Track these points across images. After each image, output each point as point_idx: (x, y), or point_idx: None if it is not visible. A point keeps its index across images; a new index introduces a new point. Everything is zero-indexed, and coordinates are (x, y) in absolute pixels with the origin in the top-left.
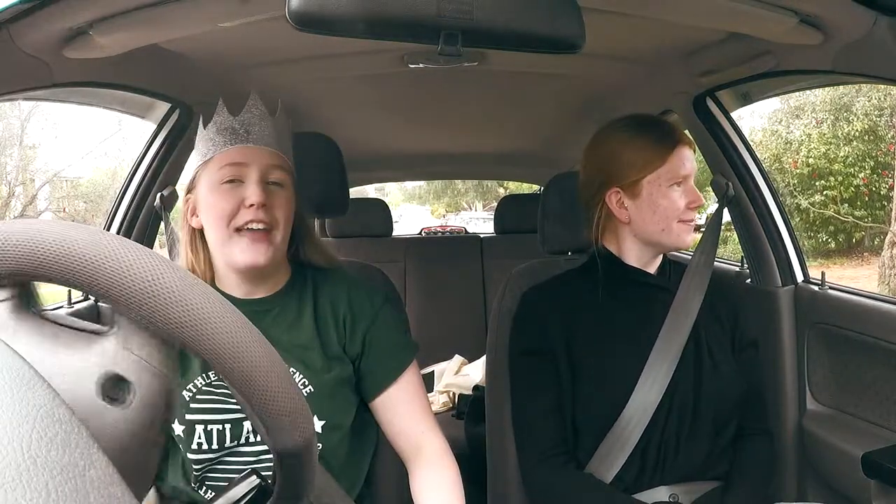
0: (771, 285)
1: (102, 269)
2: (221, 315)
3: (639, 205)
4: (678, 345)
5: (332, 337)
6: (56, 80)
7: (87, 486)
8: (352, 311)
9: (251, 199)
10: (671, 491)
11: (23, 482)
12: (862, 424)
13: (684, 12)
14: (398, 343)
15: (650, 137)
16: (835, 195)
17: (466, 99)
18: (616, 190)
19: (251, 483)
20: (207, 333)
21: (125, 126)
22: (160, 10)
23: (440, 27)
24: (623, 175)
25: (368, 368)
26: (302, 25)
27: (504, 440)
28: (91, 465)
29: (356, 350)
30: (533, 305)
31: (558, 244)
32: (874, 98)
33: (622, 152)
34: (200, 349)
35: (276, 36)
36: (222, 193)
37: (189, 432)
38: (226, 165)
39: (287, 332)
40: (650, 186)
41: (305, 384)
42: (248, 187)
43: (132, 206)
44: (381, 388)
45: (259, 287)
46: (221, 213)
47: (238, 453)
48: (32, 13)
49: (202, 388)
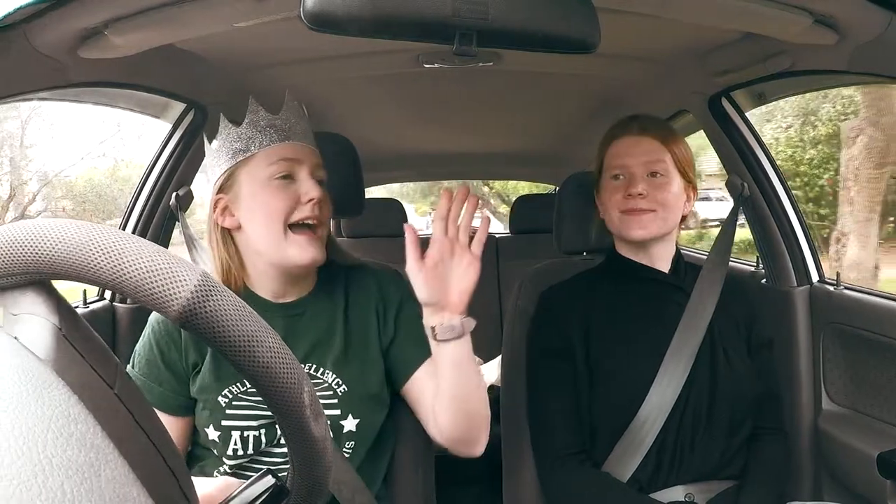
0: (786, 285)
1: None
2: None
3: (600, 200)
4: (693, 345)
5: (367, 332)
6: (71, 80)
7: (103, 485)
8: (384, 299)
9: (310, 194)
10: (687, 490)
11: (38, 482)
12: (877, 424)
13: (699, 12)
14: (422, 331)
15: (604, 135)
16: (800, 195)
17: (481, 99)
18: (597, 191)
19: (267, 483)
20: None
21: (124, 127)
22: (175, 10)
23: (455, 27)
24: (598, 179)
25: (399, 351)
26: (316, 25)
27: (519, 440)
28: (106, 464)
29: (390, 334)
30: (551, 305)
31: (573, 244)
32: (839, 104)
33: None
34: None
35: (290, 36)
36: (275, 190)
37: (225, 438)
38: (279, 161)
39: (321, 334)
40: (602, 181)
41: (339, 383)
42: (304, 183)
43: (147, 206)
44: (411, 369)
45: (292, 289)
46: (276, 210)
47: (270, 454)
48: (47, 13)
49: (238, 395)
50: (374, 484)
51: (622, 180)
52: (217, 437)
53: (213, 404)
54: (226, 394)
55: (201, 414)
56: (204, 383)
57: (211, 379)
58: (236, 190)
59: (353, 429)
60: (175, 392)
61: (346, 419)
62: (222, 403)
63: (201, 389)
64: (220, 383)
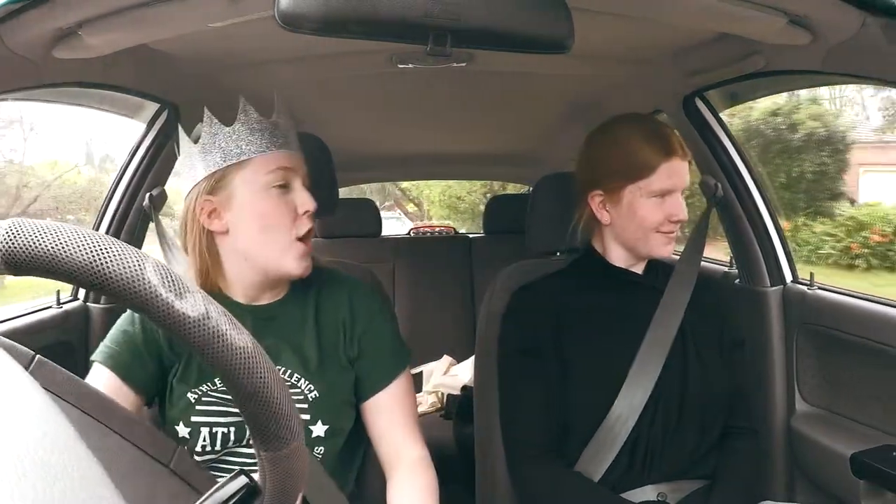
0: (760, 286)
1: None
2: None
3: (619, 210)
4: (666, 344)
5: (334, 341)
6: (45, 80)
7: (76, 486)
8: (352, 315)
9: (307, 205)
10: (658, 490)
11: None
12: (851, 424)
13: (673, 12)
14: (392, 349)
15: (638, 147)
16: None
17: (455, 99)
18: (599, 192)
19: (240, 483)
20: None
21: None
22: (149, 10)
23: (429, 27)
24: (606, 180)
25: (362, 372)
26: (290, 25)
27: (492, 440)
28: (79, 465)
29: (354, 353)
30: (523, 304)
31: (546, 244)
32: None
33: (610, 157)
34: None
35: (265, 36)
36: (275, 199)
37: (194, 434)
38: (277, 169)
39: (292, 338)
40: (631, 195)
41: (311, 389)
42: (299, 193)
43: (121, 207)
44: (371, 392)
45: (265, 294)
46: (280, 219)
47: (238, 454)
48: (22, 13)
49: (208, 391)
50: (347, 485)
51: (664, 201)
52: (187, 434)
53: (184, 400)
54: (195, 391)
55: (171, 411)
56: (177, 378)
57: (183, 375)
58: (228, 193)
59: (321, 434)
60: (142, 368)
61: (316, 425)
62: (192, 400)
63: (175, 383)
64: (190, 382)
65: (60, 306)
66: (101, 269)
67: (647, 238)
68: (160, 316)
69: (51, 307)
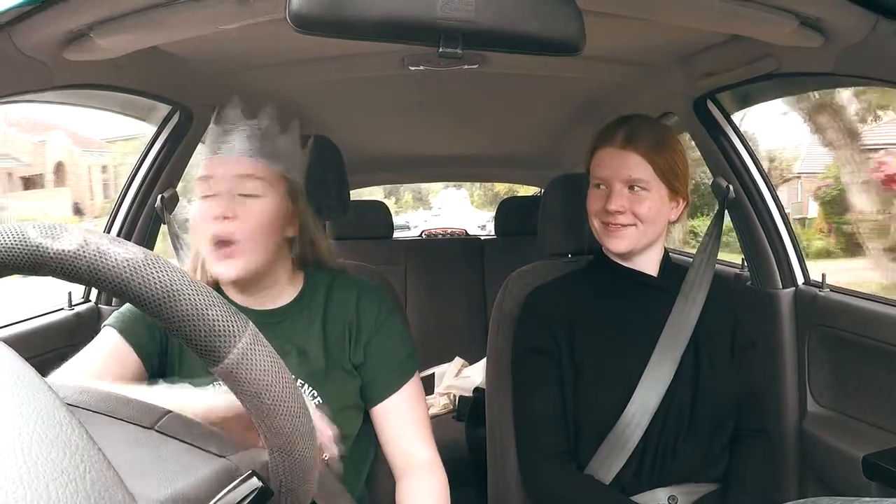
0: (771, 287)
1: None
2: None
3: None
4: (679, 347)
5: (340, 346)
6: (56, 82)
7: (88, 488)
8: (358, 320)
9: (212, 211)
10: (669, 493)
11: (23, 484)
12: (862, 427)
13: (685, 15)
14: (401, 354)
15: (593, 138)
16: None
17: (466, 101)
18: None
19: (252, 486)
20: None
21: None
22: (160, 12)
23: (440, 29)
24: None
25: (370, 378)
26: (302, 27)
27: (504, 442)
28: (91, 467)
29: (359, 359)
30: (537, 305)
31: (558, 246)
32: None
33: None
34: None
35: (276, 38)
36: (199, 205)
37: None
38: (198, 179)
39: (299, 344)
40: (589, 186)
41: (315, 395)
42: (213, 200)
43: (133, 208)
44: (379, 399)
45: (265, 297)
46: (196, 226)
47: None
48: (33, 15)
49: None
50: (356, 488)
51: (603, 191)
52: None
53: None
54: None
55: None
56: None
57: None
58: None
59: None
60: (152, 340)
61: None
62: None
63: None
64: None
65: (72, 308)
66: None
67: (597, 229)
68: (44, 263)
69: (62, 309)
